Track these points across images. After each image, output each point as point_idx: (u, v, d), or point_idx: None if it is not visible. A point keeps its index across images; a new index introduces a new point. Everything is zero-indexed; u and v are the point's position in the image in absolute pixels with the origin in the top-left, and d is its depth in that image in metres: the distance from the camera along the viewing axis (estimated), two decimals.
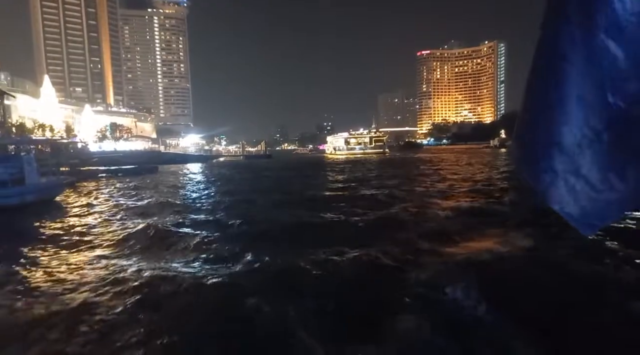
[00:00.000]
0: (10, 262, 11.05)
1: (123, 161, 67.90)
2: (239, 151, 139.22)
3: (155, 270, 9.82)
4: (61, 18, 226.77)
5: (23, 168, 20.77)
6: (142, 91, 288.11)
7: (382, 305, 7.52)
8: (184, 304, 7.87)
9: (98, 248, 12.61)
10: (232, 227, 14.97)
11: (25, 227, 16.29)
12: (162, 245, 12.51)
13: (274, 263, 9.93)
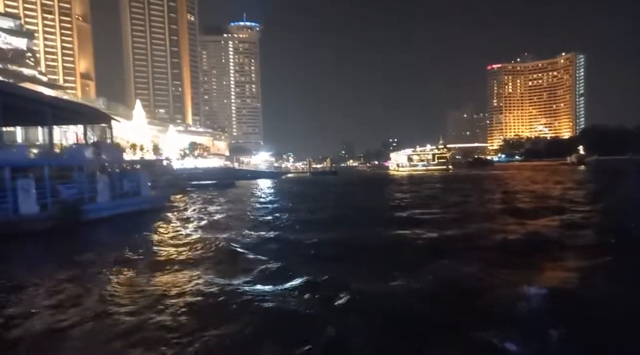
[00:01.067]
0: (135, 247, 15.04)
1: (204, 177, 75.16)
2: (305, 168, 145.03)
3: (228, 287, 9.89)
4: (149, 47, 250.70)
5: (140, 183, 26.18)
6: (217, 111, 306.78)
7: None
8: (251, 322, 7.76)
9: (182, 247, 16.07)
10: (300, 245, 15.04)
11: (144, 226, 20.91)
12: (236, 260, 12.79)
13: (343, 286, 9.38)
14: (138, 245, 15.68)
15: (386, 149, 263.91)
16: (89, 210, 21.17)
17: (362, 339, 7.01)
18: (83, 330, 7.80)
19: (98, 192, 22.44)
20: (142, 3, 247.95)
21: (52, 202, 19.58)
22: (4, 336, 7.63)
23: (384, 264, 12.11)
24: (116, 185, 24.20)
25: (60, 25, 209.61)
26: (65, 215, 19.57)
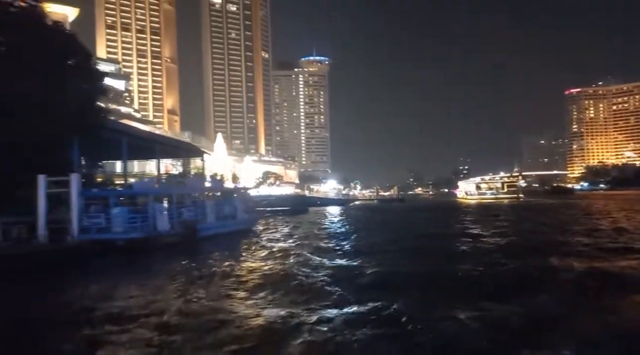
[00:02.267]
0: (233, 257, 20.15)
1: (278, 204, 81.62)
2: (373, 195, 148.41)
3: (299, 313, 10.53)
4: (227, 83, 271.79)
5: (236, 207, 32.03)
6: (288, 141, 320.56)
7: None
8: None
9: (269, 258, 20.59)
10: (366, 272, 15.49)
11: (241, 242, 26.24)
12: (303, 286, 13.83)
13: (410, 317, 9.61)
14: (239, 253, 21.08)
15: (456, 176, 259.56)
16: (202, 228, 27.01)
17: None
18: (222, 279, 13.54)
19: (207, 215, 28.38)
20: (222, 44, 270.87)
21: (177, 222, 25.58)
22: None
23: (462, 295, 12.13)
24: (219, 210, 30.10)
25: (152, 67, 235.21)
26: (187, 232, 25.44)
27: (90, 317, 10.86)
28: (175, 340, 9.06)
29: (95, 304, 12.27)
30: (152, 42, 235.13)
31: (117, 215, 22.99)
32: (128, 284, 15.29)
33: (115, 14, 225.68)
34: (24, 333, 10.01)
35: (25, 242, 18.19)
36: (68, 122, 25.72)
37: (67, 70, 25.83)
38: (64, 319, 11.00)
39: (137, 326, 10.01)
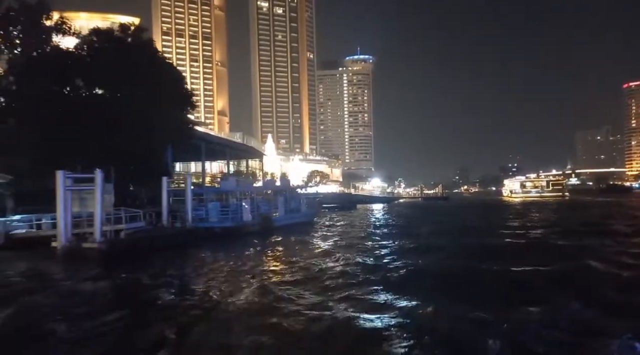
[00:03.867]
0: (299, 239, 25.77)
1: (326, 201, 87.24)
2: (417, 193, 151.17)
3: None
4: (273, 84, 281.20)
5: (300, 202, 38.02)
6: (332, 140, 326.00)
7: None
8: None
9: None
10: (413, 270, 15.85)
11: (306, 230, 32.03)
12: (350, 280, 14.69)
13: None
14: (306, 236, 26.99)
15: (505, 174, 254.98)
16: (275, 220, 33.03)
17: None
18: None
19: (278, 208, 34.41)
20: (269, 46, 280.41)
21: (257, 214, 31.69)
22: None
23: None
24: (288, 205, 36.09)
25: (204, 71, 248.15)
26: (264, 222, 31.49)
27: (229, 268, 17.04)
28: (283, 271, 15.07)
29: (231, 261, 18.86)
30: (203, 46, 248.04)
31: (212, 208, 29.37)
32: (242, 252, 21.81)
33: (170, 21, 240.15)
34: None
35: (156, 226, 24.75)
36: (170, 135, 32.50)
37: (169, 92, 32.49)
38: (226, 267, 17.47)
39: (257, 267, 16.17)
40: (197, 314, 10.81)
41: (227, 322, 9.99)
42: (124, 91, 30.67)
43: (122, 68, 29.84)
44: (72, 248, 18.92)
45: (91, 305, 11.89)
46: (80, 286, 14.60)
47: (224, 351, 8.29)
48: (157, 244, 21.99)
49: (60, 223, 18.85)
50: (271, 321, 9.81)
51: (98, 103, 29.98)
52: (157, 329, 9.63)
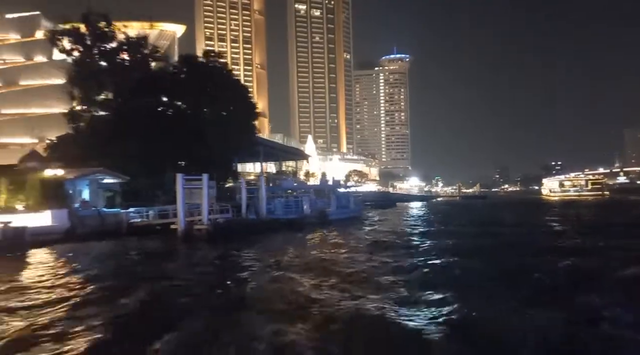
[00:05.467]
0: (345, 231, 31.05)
1: (366, 199, 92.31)
2: (455, 192, 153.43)
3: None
4: (310, 85, 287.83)
5: (349, 200, 43.64)
6: (368, 139, 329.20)
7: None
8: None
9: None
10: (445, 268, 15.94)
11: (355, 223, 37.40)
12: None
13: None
14: (355, 228, 32.37)
15: (547, 172, 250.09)
16: (329, 214, 38.71)
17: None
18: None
19: (331, 204, 40.08)
20: (307, 48, 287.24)
21: (313, 208, 37.43)
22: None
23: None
24: (339, 201, 41.75)
25: (244, 74, 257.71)
26: (320, 215, 37.19)
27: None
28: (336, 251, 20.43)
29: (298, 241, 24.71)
30: (244, 50, 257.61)
31: (278, 203, 35.39)
32: (306, 237, 27.68)
33: (212, 27, 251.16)
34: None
35: (237, 217, 30.97)
36: (240, 144, 38.87)
37: (239, 107, 38.86)
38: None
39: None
40: (277, 268, 16.73)
41: (292, 272, 15.58)
42: (204, 107, 37.24)
43: (203, 88, 36.36)
44: (187, 230, 25.23)
45: (208, 263, 18.83)
46: (199, 253, 21.56)
47: (292, 284, 13.60)
48: (242, 229, 28.01)
49: (180, 212, 25.19)
50: (321, 278, 14.55)
51: (185, 118, 36.63)
52: (250, 277, 15.56)
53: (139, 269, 17.57)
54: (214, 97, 36.32)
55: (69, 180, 27.03)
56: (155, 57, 37.16)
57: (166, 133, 35.12)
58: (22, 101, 75.82)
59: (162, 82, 35.85)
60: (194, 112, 37.06)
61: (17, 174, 26.77)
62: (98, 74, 34.13)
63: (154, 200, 33.84)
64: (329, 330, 9.05)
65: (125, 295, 11.88)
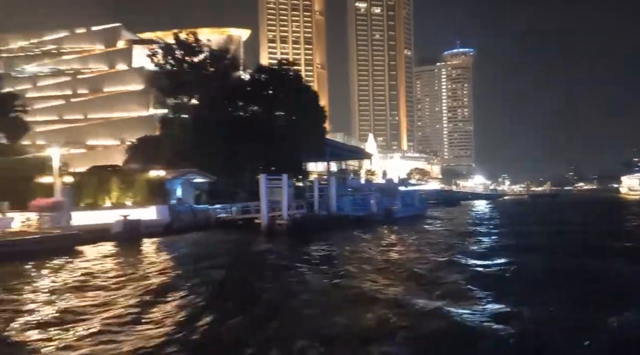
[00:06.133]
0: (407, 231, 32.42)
1: (429, 198, 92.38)
2: (523, 190, 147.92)
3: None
4: (370, 83, 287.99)
5: (413, 198, 45.11)
6: (429, 136, 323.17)
7: None
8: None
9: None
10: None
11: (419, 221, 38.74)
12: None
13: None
14: (420, 225, 33.85)
15: (629, 169, 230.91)
16: (395, 212, 40.44)
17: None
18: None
19: (396, 202, 41.80)
20: (367, 46, 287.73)
21: (380, 206, 39.36)
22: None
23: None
24: (404, 199, 43.37)
25: (305, 74, 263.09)
26: (386, 213, 39.04)
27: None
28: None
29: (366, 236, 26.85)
30: (305, 51, 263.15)
31: (346, 201, 37.71)
32: (374, 233, 29.72)
33: (275, 29, 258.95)
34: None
35: (310, 213, 33.69)
36: (310, 146, 41.59)
37: (310, 111, 41.62)
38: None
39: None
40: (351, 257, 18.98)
41: (361, 262, 17.61)
42: (278, 112, 40.45)
43: (277, 94, 39.54)
44: (270, 225, 28.25)
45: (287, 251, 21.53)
46: (280, 245, 24.49)
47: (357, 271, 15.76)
48: (316, 225, 30.62)
49: (263, 209, 28.27)
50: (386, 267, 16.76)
51: (260, 122, 40.01)
52: (325, 262, 18.16)
53: (251, 252, 21.23)
54: (287, 102, 39.42)
55: (168, 179, 31.06)
56: (235, 67, 41.00)
57: (244, 136, 38.61)
58: (106, 106, 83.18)
59: (240, 89, 39.52)
60: (269, 116, 40.37)
61: (124, 174, 31.26)
62: (186, 84, 38.42)
63: (234, 198, 37.51)
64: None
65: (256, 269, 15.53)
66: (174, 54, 38.46)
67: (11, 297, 12.40)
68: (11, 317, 10.21)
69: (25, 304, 11.72)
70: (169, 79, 38.45)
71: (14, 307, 11.34)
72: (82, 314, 10.38)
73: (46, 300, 12.14)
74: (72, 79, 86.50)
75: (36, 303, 11.76)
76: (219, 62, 39.11)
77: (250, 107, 40.99)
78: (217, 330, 9.21)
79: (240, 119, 40.18)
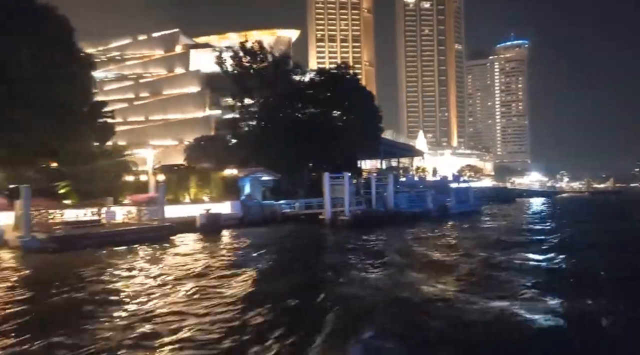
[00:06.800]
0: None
1: (483, 195, 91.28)
2: (583, 187, 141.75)
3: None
4: (419, 78, 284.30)
5: (468, 195, 45.96)
6: (481, 132, 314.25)
7: None
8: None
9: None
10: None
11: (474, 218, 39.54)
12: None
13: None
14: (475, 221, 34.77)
15: None
16: (449, 208, 41.57)
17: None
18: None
19: (451, 199, 42.88)
20: (415, 41, 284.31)
21: (435, 203, 40.62)
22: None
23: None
24: (459, 196, 44.36)
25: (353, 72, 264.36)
26: (441, 209, 40.27)
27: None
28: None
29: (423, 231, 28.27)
30: (353, 49, 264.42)
31: (402, 197, 39.33)
32: (431, 228, 31.01)
33: (323, 28, 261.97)
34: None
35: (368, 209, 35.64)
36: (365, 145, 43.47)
37: (366, 110, 43.47)
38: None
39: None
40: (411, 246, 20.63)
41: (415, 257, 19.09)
42: (335, 112, 42.69)
43: (334, 96, 41.79)
44: (333, 219, 30.55)
45: (352, 240, 23.65)
46: (344, 238, 26.18)
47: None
48: (374, 220, 32.52)
49: (327, 204, 30.65)
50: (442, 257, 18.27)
51: (319, 123, 42.39)
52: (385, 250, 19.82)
53: (319, 240, 23.86)
54: (344, 103, 41.58)
55: (239, 177, 34.15)
56: (295, 72, 43.74)
57: (303, 137, 41.14)
58: (165, 108, 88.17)
59: (300, 92, 42.16)
60: (326, 116, 42.69)
61: (201, 173, 34.70)
62: (251, 88, 41.59)
63: (294, 195, 40.14)
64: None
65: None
66: (241, 61, 41.69)
67: (134, 270, 16.14)
68: (141, 281, 14.28)
69: (146, 271, 15.90)
70: (235, 82, 41.70)
71: (139, 273, 15.51)
72: (184, 280, 14.07)
73: (159, 272, 15.63)
74: (135, 83, 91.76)
75: (153, 272, 15.63)
76: (281, 67, 41.93)
77: (309, 109, 43.47)
78: (295, 283, 12.65)
79: (299, 120, 42.77)
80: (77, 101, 29.05)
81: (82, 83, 30.17)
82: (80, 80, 29.12)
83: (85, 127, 32.15)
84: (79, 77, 29.05)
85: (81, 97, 30.12)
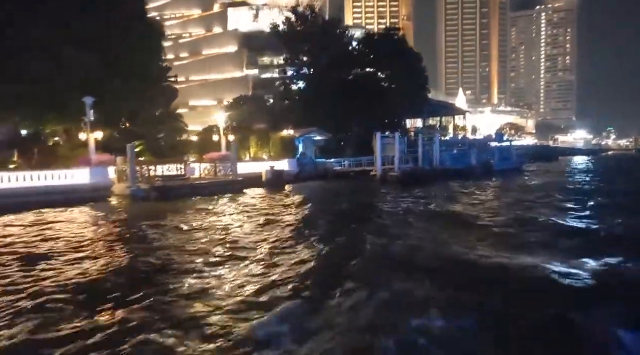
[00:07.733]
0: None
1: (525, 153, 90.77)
2: (630, 145, 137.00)
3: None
4: (459, 33, 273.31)
5: (510, 153, 47.41)
6: (524, 88, 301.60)
7: None
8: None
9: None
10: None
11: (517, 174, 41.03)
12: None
13: None
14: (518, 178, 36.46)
15: None
16: (493, 165, 43.24)
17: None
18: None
19: (495, 156, 44.47)
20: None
21: (479, 160, 42.32)
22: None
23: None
24: (501, 154, 45.79)
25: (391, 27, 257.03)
26: (485, 166, 42.00)
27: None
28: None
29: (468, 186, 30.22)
30: (391, 2, 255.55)
31: (447, 155, 41.31)
32: (475, 184, 32.95)
33: None
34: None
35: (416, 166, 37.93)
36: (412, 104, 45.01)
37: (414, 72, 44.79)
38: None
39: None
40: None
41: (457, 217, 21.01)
42: (383, 73, 44.26)
43: (382, 57, 43.23)
44: (383, 176, 33.15)
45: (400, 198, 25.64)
46: (393, 192, 28.62)
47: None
48: (421, 177, 34.80)
49: (378, 162, 33.20)
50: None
51: (367, 84, 44.14)
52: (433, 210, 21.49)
53: (373, 193, 27.05)
54: (391, 65, 43.01)
55: (295, 137, 37.02)
56: (344, 36, 45.30)
57: (351, 97, 43.16)
58: (205, 69, 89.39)
59: (350, 55, 43.81)
60: (374, 78, 44.34)
61: (260, 133, 37.78)
62: (302, 51, 43.60)
63: (342, 153, 42.71)
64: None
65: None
66: (292, 25, 43.49)
67: (213, 215, 19.62)
68: (218, 219, 18.19)
69: (224, 215, 19.39)
70: (286, 46, 43.72)
71: (218, 217, 18.96)
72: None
73: (235, 218, 18.71)
74: (174, 43, 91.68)
75: (229, 217, 19.07)
76: (332, 31, 43.48)
77: (357, 70, 45.13)
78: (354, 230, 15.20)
79: (348, 81, 44.63)
80: (153, 67, 32.17)
81: (156, 49, 33.17)
82: (155, 48, 32.09)
83: (155, 91, 35.43)
84: (154, 45, 32.00)
85: (155, 63, 33.20)
